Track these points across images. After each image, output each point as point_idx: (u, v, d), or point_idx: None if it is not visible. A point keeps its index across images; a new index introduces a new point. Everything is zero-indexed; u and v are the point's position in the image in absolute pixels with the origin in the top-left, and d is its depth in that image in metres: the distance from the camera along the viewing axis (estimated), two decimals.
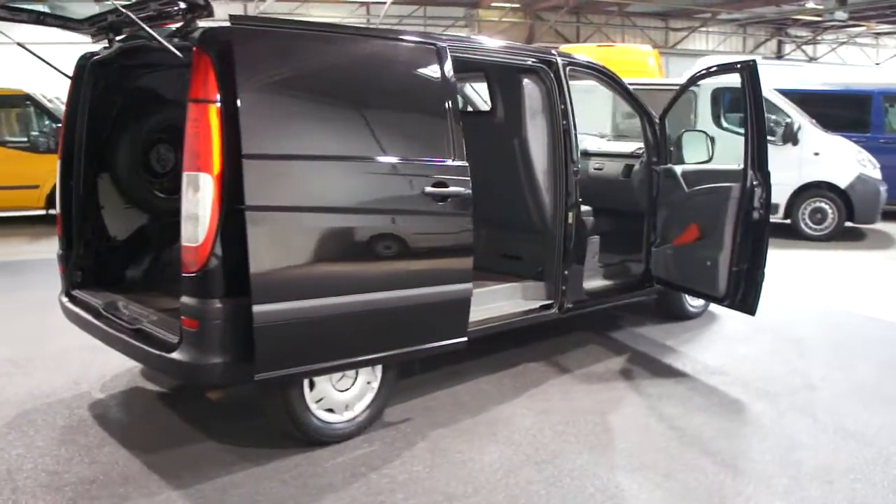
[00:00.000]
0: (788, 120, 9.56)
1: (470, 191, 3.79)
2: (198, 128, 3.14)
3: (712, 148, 5.34)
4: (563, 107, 4.61)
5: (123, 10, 3.44)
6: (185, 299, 3.24)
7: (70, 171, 4.30)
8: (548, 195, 4.72)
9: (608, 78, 5.18)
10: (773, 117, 9.69)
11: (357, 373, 3.73)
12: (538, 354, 5.00)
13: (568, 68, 4.73)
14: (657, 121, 5.38)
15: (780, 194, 9.58)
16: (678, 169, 5.22)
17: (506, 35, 31.92)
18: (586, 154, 6.11)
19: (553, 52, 4.72)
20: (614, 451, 3.67)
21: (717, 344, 5.36)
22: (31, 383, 4.47)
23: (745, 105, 4.62)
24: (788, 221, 9.83)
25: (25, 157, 10.16)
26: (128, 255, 4.59)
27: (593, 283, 5.17)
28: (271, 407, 3.60)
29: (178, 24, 3.49)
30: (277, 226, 3.21)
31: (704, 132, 5.46)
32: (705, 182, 4.96)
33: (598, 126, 7.45)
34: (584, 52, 15.98)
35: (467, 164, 3.82)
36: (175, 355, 3.30)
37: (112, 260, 4.51)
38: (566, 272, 4.70)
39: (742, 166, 4.63)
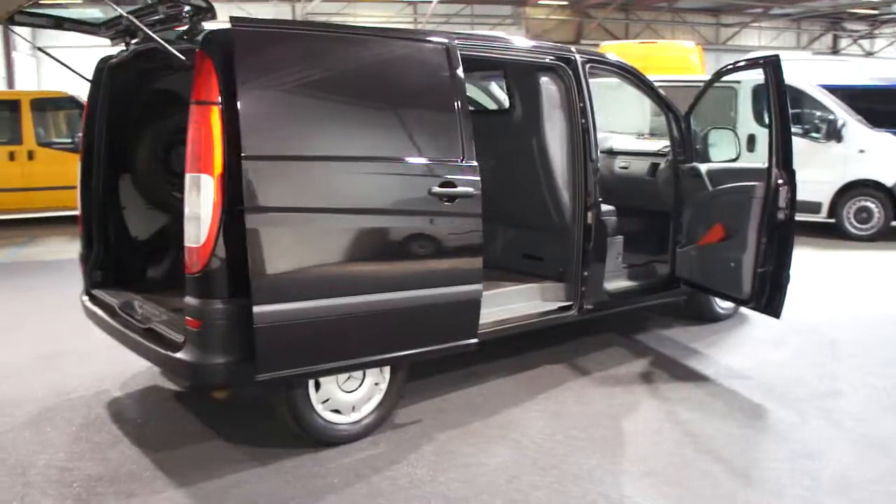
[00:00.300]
0: (832, 116, 9.25)
1: (479, 191, 3.74)
2: (199, 129, 3.17)
3: (739, 145, 5.20)
4: (581, 105, 4.53)
5: (126, 15, 3.48)
6: (188, 299, 3.27)
7: (90, 172, 4.39)
8: (566, 195, 4.65)
9: (631, 75, 5.07)
10: (818, 114, 9.40)
11: (364, 374, 3.72)
12: (558, 356, 4.93)
13: (588, 66, 4.65)
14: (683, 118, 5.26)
15: (824, 193, 9.29)
16: (703, 167, 5.09)
17: (553, 33, 31.72)
18: (612, 152, 6.01)
19: (572, 49, 4.65)
20: (624, 456, 3.58)
21: (745, 347, 5.21)
22: (56, 379, 4.58)
23: (768, 101, 4.48)
24: (832, 221, 9.51)
25: (71, 158, 10.43)
26: (149, 255, 4.66)
27: (616, 284, 5.08)
28: (277, 407, 3.61)
29: (184, 27, 3.52)
30: (278, 227, 3.21)
31: (732, 129, 5.31)
32: (730, 181, 4.83)
33: (633, 124, 7.31)
34: (625, 48, 15.80)
35: (477, 164, 3.77)
36: (179, 355, 3.33)
37: (133, 260, 4.58)
38: (585, 273, 4.62)
39: (766, 165, 4.48)
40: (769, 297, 4.55)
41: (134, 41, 4.09)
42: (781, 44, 31.28)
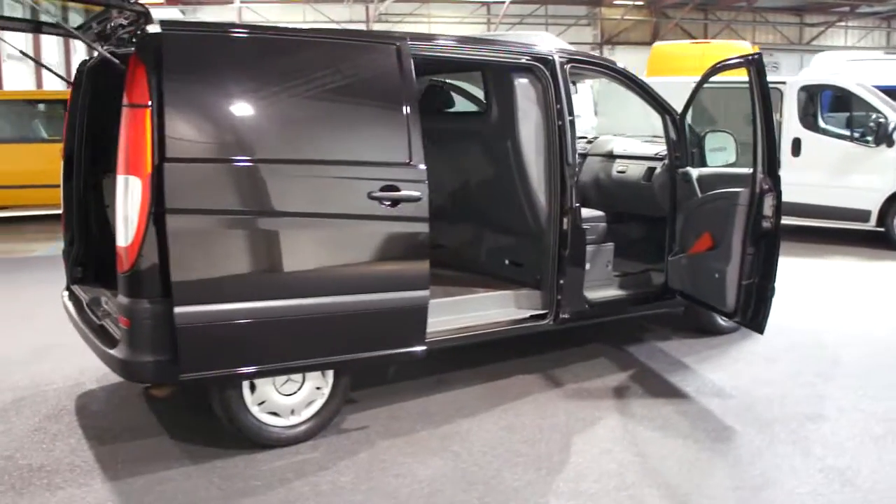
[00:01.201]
0: (883, 119, 8.68)
1: (423, 195, 3.67)
2: (130, 132, 3.21)
3: (738, 149, 4.94)
4: (558, 106, 4.39)
5: (64, 26, 3.57)
6: (119, 298, 3.32)
7: (71, 171, 4.53)
8: (542, 199, 4.51)
9: (620, 75, 4.89)
10: (874, 116, 8.85)
11: (304, 377, 3.70)
12: (536, 366, 4.79)
13: (569, 66, 4.50)
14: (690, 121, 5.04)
15: (873, 200, 8.74)
16: (694, 172, 4.86)
17: (628, 33, 31.11)
18: (611, 156, 5.81)
19: (551, 48, 4.51)
20: (560, 474, 3.44)
21: (739, 363, 4.94)
22: (42, 371, 4.74)
23: (752, 102, 4.23)
24: (882, 230, 8.93)
25: None
26: None
27: (602, 293, 4.90)
28: (215, 407, 3.63)
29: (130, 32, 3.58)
30: (201, 228, 3.23)
31: (730, 133, 5.05)
32: (719, 186, 4.59)
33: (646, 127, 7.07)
34: (676, 48, 15.30)
35: (425, 168, 3.70)
36: (113, 352, 3.39)
37: (113, 256, 4.69)
38: (561, 281, 4.47)
39: (751, 170, 4.24)
40: (754, 312, 4.31)
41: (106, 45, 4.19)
42: (869, 43, 29.76)
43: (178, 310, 3.17)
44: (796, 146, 9.04)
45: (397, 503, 3.20)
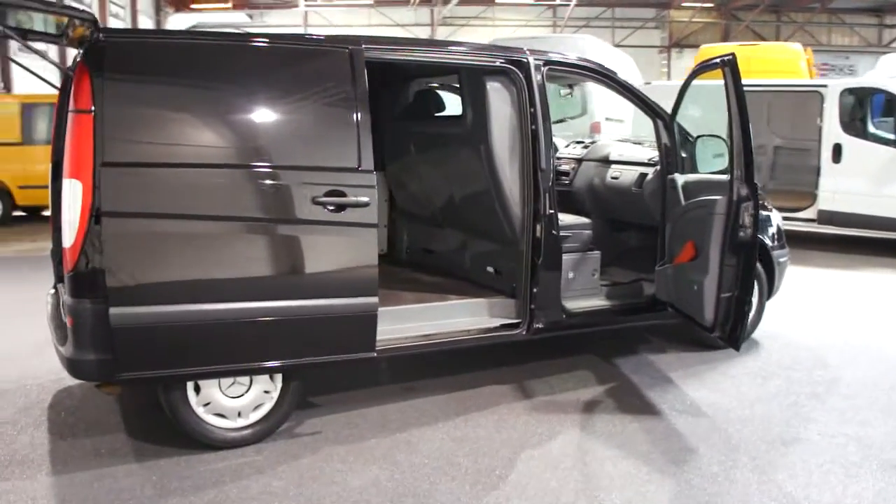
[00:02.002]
0: None
1: (371, 201, 3.63)
2: (74, 136, 3.29)
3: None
4: (532, 110, 4.29)
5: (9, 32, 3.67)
6: (64, 297, 3.40)
7: (59, 174, 4.66)
8: (516, 205, 4.41)
9: (604, 77, 4.74)
10: None
11: (251, 381, 3.71)
12: (511, 376, 4.69)
13: (546, 69, 4.40)
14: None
15: None
16: (680, 179, 4.67)
17: (698, 36, 30.31)
18: (606, 161, 5.65)
19: (525, 51, 4.41)
20: (496, 490, 3.34)
21: (729, 380, 4.71)
22: (31, 366, 4.90)
23: (728, 105, 4.05)
24: None
25: None
26: None
27: (585, 303, 4.77)
28: (164, 407, 3.68)
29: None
30: (139, 231, 3.28)
31: (723, 138, 4.84)
32: (702, 194, 4.41)
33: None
34: (723, 50, 14.79)
35: (373, 173, 3.66)
36: (62, 349, 3.48)
37: None
38: (535, 290, 4.36)
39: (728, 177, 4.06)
40: (731, 327, 4.12)
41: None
42: None
43: (113, 310, 3.23)
44: (837, 152, 8.61)
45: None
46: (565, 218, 4.97)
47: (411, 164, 5.34)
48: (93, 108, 3.25)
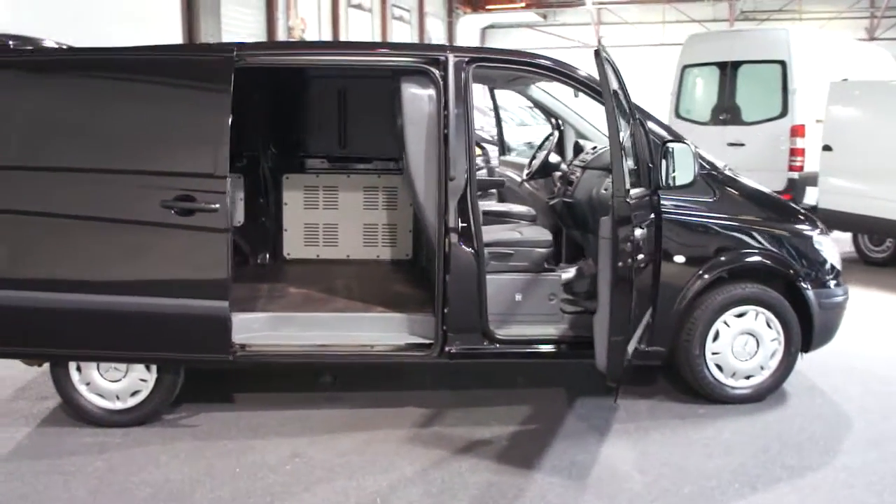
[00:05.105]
0: None
1: (222, 206, 3.70)
2: None
3: (696, 166, 3.94)
4: (446, 112, 3.97)
5: None
6: None
7: None
8: (431, 216, 4.11)
9: (554, 72, 4.18)
10: None
11: (127, 368, 3.99)
12: (441, 401, 4.37)
13: (473, 67, 4.04)
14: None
15: None
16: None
17: (833, 27, 24.27)
18: (607, 169, 4.90)
19: (447, 48, 4.08)
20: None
21: (682, 448, 3.84)
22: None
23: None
24: None
25: None
26: None
27: (531, 330, 4.25)
28: None
29: None
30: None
31: (688, 144, 4.00)
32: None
33: None
34: None
35: (226, 179, 3.72)
36: None
37: None
38: (445, 310, 4.04)
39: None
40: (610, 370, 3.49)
41: None
42: None
43: None
44: None
45: (122, 496, 3.38)
46: (527, 232, 4.51)
47: None
48: None
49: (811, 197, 8.87)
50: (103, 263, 3.80)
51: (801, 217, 4.51)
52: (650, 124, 4.21)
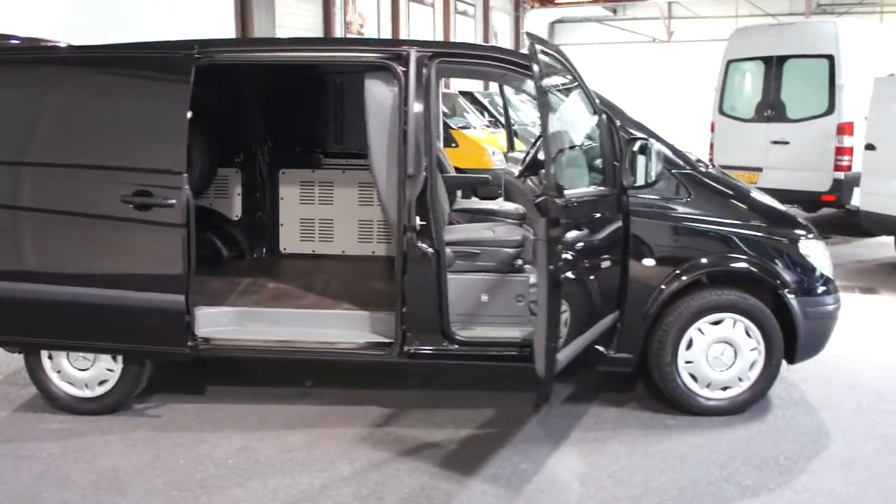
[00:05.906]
0: None
1: (178, 202, 3.76)
2: None
3: (654, 166, 3.78)
4: (405, 108, 3.92)
5: None
6: None
7: None
8: (391, 214, 4.08)
9: (520, 68, 4.06)
10: None
11: (95, 357, 4.10)
12: (404, 401, 4.33)
13: (437, 62, 3.98)
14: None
15: None
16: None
17: None
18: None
19: (410, 43, 4.02)
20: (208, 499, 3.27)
21: (651, 459, 3.70)
22: None
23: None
24: None
25: None
26: None
27: (498, 332, 4.15)
28: None
29: None
30: None
31: (646, 140, 3.83)
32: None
33: None
34: None
35: (183, 175, 3.78)
36: None
37: None
38: (404, 309, 4.00)
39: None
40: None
41: None
42: None
43: None
44: None
45: (52, 485, 3.47)
46: (499, 231, 4.42)
47: None
48: None
49: (858, 199, 8.43)
50: (69, 256, 3.94)
51: (789, 221, 4.28)
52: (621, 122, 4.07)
